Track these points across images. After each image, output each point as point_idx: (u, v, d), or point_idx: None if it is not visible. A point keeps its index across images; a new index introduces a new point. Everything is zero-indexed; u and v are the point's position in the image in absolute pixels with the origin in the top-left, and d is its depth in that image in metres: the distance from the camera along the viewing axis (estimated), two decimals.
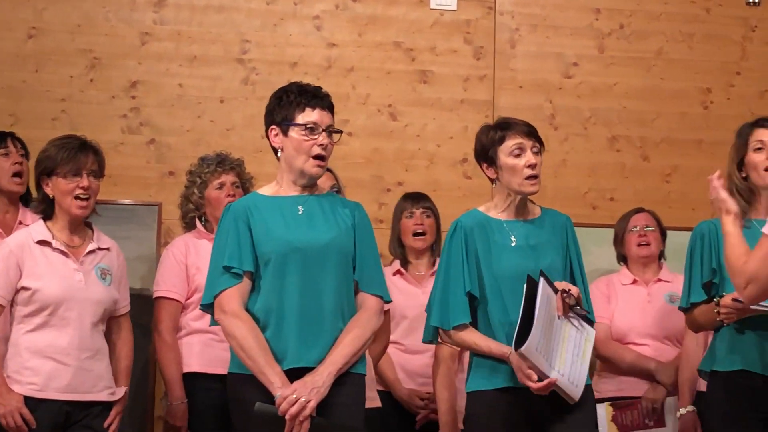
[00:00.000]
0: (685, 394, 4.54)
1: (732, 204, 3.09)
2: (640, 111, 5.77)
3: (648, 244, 4.83)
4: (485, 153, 3.72)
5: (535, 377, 3.42)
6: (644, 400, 4.58)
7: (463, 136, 5.61)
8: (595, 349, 4.80)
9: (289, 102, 3.53)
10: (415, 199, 4.90)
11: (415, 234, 4.82)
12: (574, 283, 3.67)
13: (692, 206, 5.60)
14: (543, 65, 5.75)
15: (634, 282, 4.84)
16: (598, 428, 3.74)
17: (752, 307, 3.54)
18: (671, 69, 5.82)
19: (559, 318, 3.51)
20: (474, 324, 3.64)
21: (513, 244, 3.65)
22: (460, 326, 3.62)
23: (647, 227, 4.85)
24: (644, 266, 4.85)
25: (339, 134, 3.59)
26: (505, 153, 3.67)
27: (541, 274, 3.48)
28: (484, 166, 3.74)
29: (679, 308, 3.99)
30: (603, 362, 4.82)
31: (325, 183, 4.29)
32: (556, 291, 3.52)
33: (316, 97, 3.56)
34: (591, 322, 3.64)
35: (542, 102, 5.70)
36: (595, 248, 5.23)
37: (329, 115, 3.57)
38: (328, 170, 4.46)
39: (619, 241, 4.93)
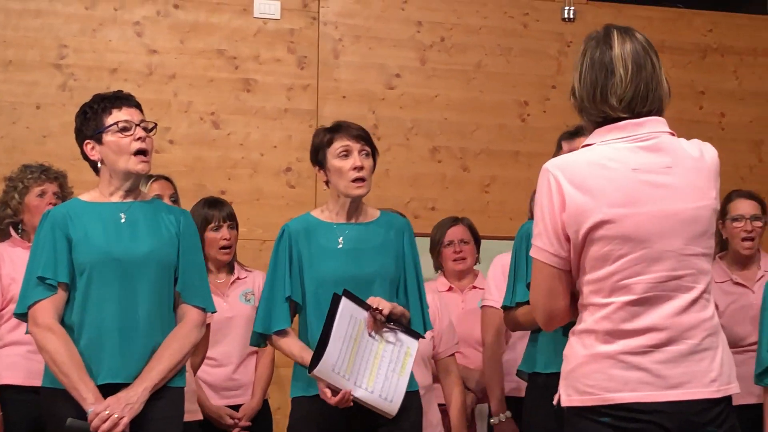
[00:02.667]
0: (497, 401, 4.50)
1: None
2: (460, 122, 5.88)
3: (464, 259, 4.91)
4: (317, 156, 3.72)
5: (329, 394, 3.43)
6: None
7: (287, 145, 5.62)
8: None
9: (94, 112, 3.45)
10: (220, 209, 4.72)
11: (222, 248, 4.68)
12: (406, 290, 3.69)
13: (510, 216, 5.75)
14: (366, 76, 5.81)
15: (450, 289, 4.92)
16: None
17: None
18: (490, 82, 5.95)
19: (370, 335, 3.52)
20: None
21: (339, 247, 3.65)
22: (281, 332, 3.62)
23: (462, 241, 4.91)
24: (460, 276, 4.94)
25: (154, 128, 3.52)
26: (332, 155, 3.66)
27: (345, 292, 3.47)
28: (317, 168, 3.74)
29: (501, 306, 4.02)
30: None
31: (164, 191, 4.26)
32: (368, 308, 3.53)
33: (120, 98, 3.49)
34: (416, 334, 3.62)
35: (365, 112, 5.75)
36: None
37: (138, 111, 3.50)
38: (167, 179, 4.41)
39: (435, 252, 5.00)
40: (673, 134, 2.68)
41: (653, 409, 2.51)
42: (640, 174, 2.59)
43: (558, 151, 3.99)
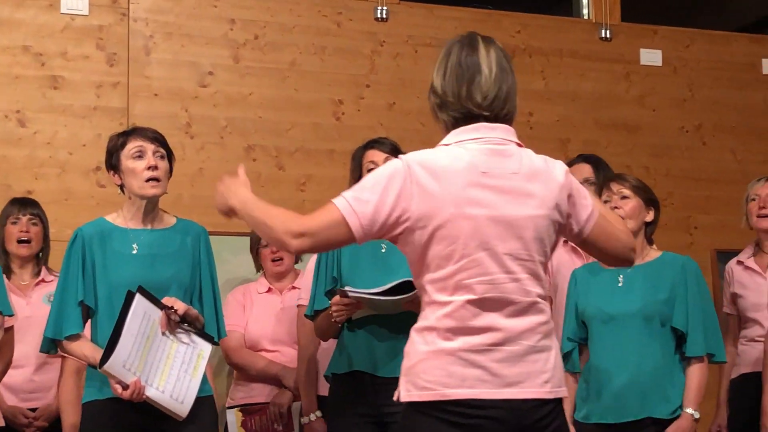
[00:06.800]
0: (308, 401, 4.41)
1: None
2: (275, 121, 5.86)
3: (282, 260, 4.88)
4: (110, 160, 3.70)
5: (120, 389, 3.41)
6: (272, 405, 4.63)
7: (96, 144, 5.47)
8: (228, 357, 4.83)
9: None
10: (23, 204, 4.71)
11: (20, 241, 4.63)
12: (202, 296, 3.69)
13: None
14: (178, 73, 5.72)
15: (269, 291, 4.90)
16: None
17: (351, 294, 3.66)
18: (305, 80, 5.95)
19: (164, 334, 3.51)
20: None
21: (134, 253, 3.62)
22: (72, 336, 3.56)
23: None
24: (279, 276, 4.93)
25: None
26: (126, 156, 3.65)
27: (139, 289, 3.46)
28: (112, 173, 3.72)
29: (305, 315, 4.06)
30: (237, 370, 4.85)
31: None
32: (163, 307, 3.51)
33: None
34: (210, 338, 3.64)
35: (178, 110, 5.67)
36: (232, 257, 5.26)
37: None
38: None
39: (255, 252, 4.98)
40: (520, 145, 2.79)
41: (489, 405, 2.61)
42: (488, 178, 2.68)
43: (353, 163, 4.02)
